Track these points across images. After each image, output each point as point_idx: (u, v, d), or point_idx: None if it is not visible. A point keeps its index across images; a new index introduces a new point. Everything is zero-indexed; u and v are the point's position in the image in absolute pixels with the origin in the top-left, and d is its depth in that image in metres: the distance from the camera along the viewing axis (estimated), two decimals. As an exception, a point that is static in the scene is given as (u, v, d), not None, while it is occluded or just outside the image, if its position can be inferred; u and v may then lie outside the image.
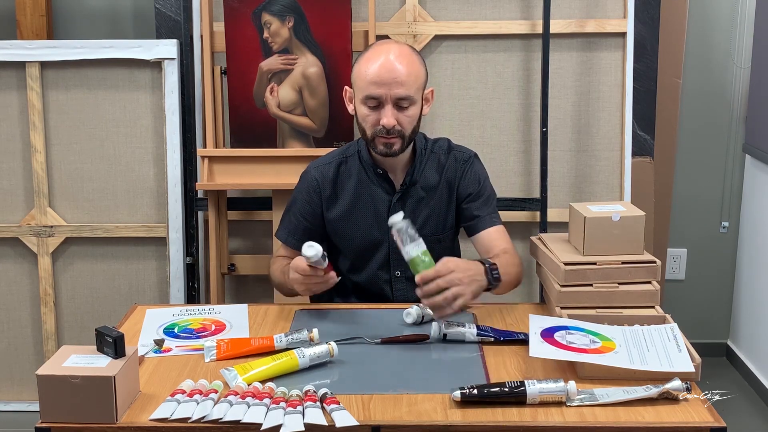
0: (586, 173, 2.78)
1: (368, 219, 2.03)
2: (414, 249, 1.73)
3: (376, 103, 1.90)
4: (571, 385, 1.45)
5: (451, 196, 2.05)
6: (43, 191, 2.77)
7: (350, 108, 2.01)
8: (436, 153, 2.06)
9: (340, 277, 1.87)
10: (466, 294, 1.72)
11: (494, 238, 2.02)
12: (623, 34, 2.71)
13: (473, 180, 2.05)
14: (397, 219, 1.75)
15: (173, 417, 1.40)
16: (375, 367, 1.62)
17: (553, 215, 2.71)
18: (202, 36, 2.65)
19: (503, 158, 2.77)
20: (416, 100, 1.92)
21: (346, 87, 2.03)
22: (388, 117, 1.88)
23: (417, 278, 1.71)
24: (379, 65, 1.88)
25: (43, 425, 1.41)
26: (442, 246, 2.06)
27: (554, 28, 2.66)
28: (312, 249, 1.75)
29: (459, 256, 2.22)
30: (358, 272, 2.06)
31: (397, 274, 2.03)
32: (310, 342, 1.67)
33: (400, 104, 1.89)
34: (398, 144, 1.93)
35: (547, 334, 1.62)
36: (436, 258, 2.05)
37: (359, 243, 2.04)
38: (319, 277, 1.81)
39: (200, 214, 2.77)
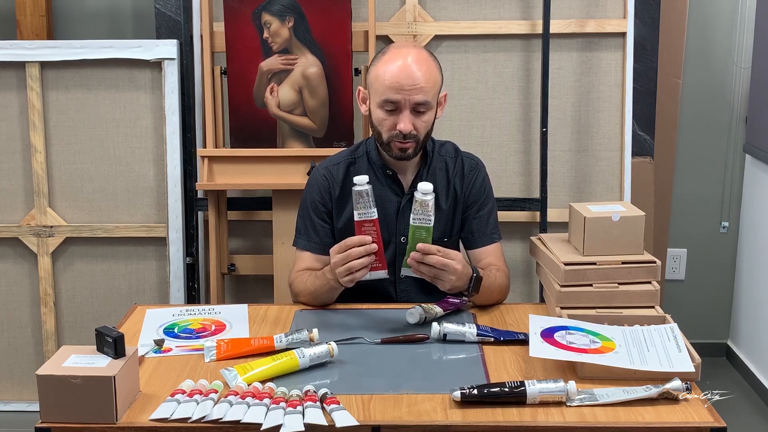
0: (586, 173, 2.78)
1: None
2: (426, 221, 1.75)
3: (394, 107, 1.89)
4: (571, 385, 1.45)
5: (458, 203, 2.05)
6: (43, 191, 2.77)
7: (363, 109, 2.01)
8: (444, 156, 2.06)
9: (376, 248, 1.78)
10: (447, 284, 1.80)
11: (489, 255, 2.04)
12: (623, 34, 2.71)
13: (479, 191, 2.06)
14: (429, 189, 1.75)
15: (173, 417, 1.41)
16: (375, 367, 1.62)
17: (553, 215, 2.71)
18: (202, 36, 2.65)
19: (503, 158, 2.77)
20: (432, 106, 1.93)
21: (360, 87, 2.03)
22: (406, 122, 1.88)
23: (421, 245, 1.75)
24: (398, 69, 1.87)
25: (43, 425, 1.41)
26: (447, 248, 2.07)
27: (554, 28, 2.66)
28: (360, 177, 1.75)
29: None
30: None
31: (402, 275, 2.02)
32: (310, 342, 1.67)
33: (417, 109, 1.89)
34: (412, 148, 1.93)
35: (547, 334, 1.62)
36: None
37: None
38: (360, 244, 1.75)
39: (200, 214, 2.77)
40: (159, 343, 1.72)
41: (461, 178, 2.05)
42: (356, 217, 1.76)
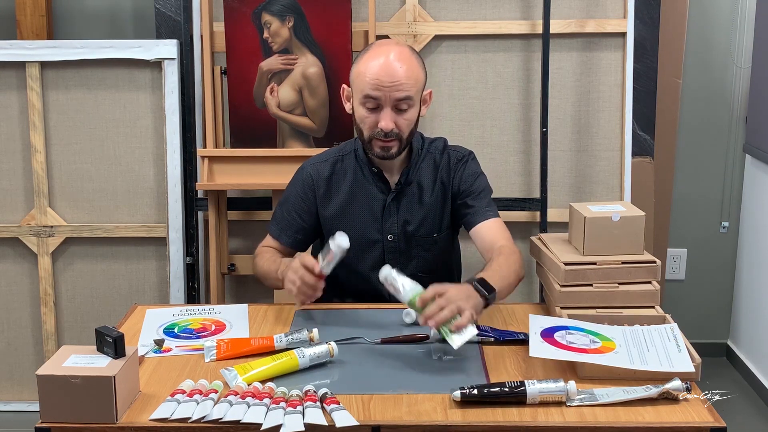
0: (586, 173, 2.78)
1: (363, 217, 2.03)
2: (411, 292, 1.67)
3: (375, 105, 1.88)
4: (571, 385, 1.45)
5: (446, 195, 2.04)
6: (43, 191, 2.77)
7: (347, 106, 2.00)
8: (432, 153, 2.05)
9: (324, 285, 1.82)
10: (467, 308, 1.60)
11: (491, 232, 1.97)
12: (623, 34, 2.71)
13: (468, 177, 2.03)
14: (386, 271, 1.71)
15: (173, 417, 1.40)
16: (375, 367, 1.62)
17: (553, 215, 2.72)
18: (202, 36, 2.65)
19: (503, 158, 2.77)
20: (415, 103, 1.91)
21: (344, 85, 2.03)
22: (387, 120, 1.87)
23: (417, 304, 1.63)
24: (378, 66, 1.86)
25: (43, 425, 1.41)
26: (438, 246, 2.06)
27: (554, 28, 2.66)
28: (345, 239, 1.77)
29: (459, 257, 2.23)
30: (354, 272, 2.05)
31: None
32: (310, 342, 1.67)
33: (398, 107, 1.88)
34: (395, 147, 1.92)
35: (547, 334, 1.62)
36: (434, 259, 2.03)
37: (354, 241, 2.00)
38: (313, 283, 1.78)
39: (200, 214, 2.78)
40: (159, 343, 1.71)
41: (447, 171, 2.04)
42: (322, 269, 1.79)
